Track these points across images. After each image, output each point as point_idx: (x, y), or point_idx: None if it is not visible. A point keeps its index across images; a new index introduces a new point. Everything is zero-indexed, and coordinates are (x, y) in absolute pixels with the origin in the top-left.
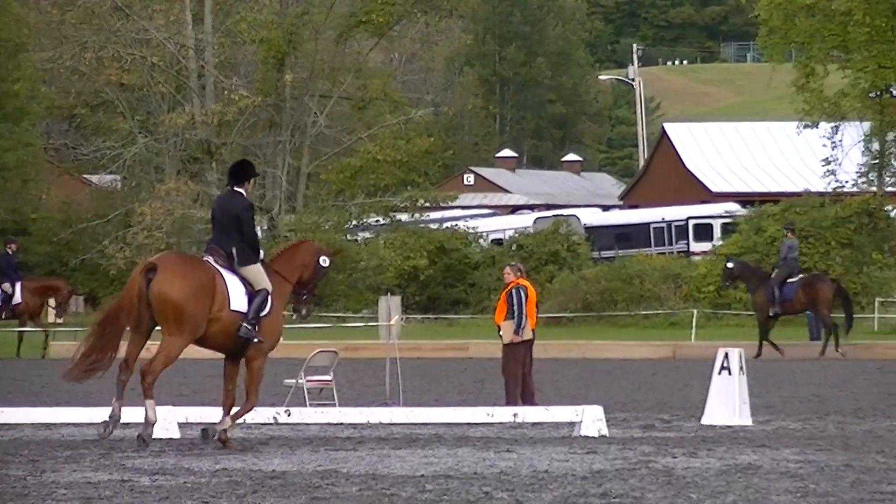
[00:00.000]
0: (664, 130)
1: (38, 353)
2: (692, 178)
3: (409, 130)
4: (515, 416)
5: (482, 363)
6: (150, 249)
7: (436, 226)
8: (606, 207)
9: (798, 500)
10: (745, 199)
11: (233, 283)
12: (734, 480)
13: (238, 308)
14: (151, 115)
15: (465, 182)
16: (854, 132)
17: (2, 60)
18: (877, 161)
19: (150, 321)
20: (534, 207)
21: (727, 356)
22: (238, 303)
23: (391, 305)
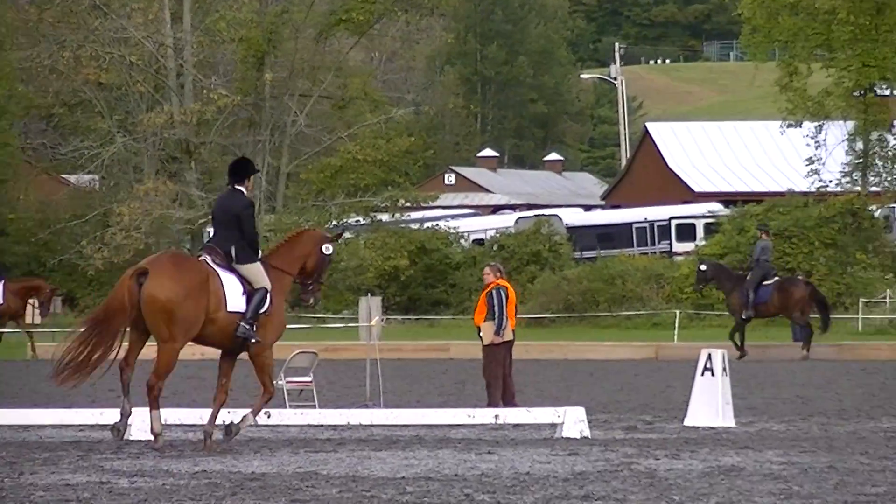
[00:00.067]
0: (646, 130)
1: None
2: (675, 178)
3: (390, 130)
4: (497, 418)
5: (463, 364)
6: (129, 250)
7: (416, 226)
8: (588, 207)
9: (781, 502)
10: (728, 199)
11: (230, 283)
12: (717, 482)
13: (235, 309)
14: (130, 115)
15: (447, 182)
16: (838, 131)
17: None
18: (860, 160)
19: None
20: (515, 207)
21: (710, 357)
22: (235, 303)
23: (371, 306)
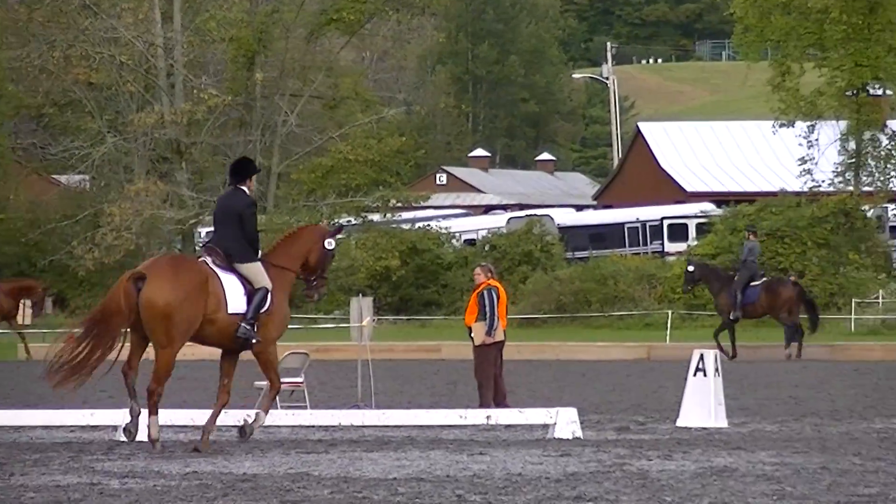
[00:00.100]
0: (638, 129)
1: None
2: (667, 178)
3: (381, 130)
4: (488, 419)
5: (455, 365)
6: (120, 250)
7: (408, 226)
8: (580, 207)
9: (774, 503)
10: (721, 199)
11: (230, 284)
12: (709, 483)
13: (236, 310)
14: (120, 115)
15: (438, 182)
16: (830, 131)
17: None
18: (853, 160)
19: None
20: (507, 207)
21: (702, 357)
22: (236, 304)
23: (363, 306)
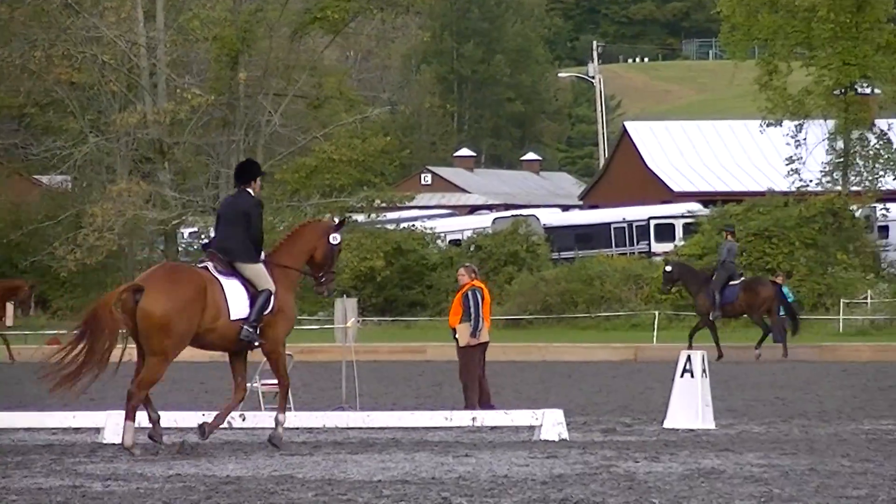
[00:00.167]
0: (625, 129)
1: None
2: (653, 178)
3: (365, 129)
4: (474, 420)
5: (440, 366)
6: (102, 251)
7: (393, 226)
8: (566, 207)
9: None
10: (708, 199)
11: (232, 290)
12: (697, 485)
13: (239, 315)
14: (102, 115)
15: (423, 182)
16: (818, 130)
17: None
18: (841, 160)
19: None
20: (492, 207)
21: (689, 358)
22: (239, 310)
23: (347, 307)
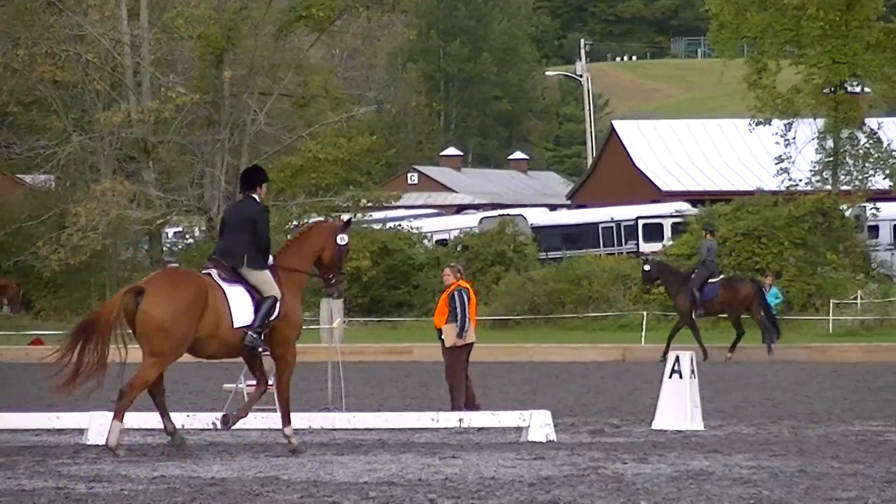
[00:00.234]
0: (613, 128)
1: None
2: (642, 177)
3: (351, 128)
4: (461, 422)
5: (426, 367)
6: (86, 251)
7: (379, 226)
8: (554, 207)
9: None
10: (696, 199)
11: (236, 297)
12: (685, 487)
13: (243, 323)
14: (86, 113)
15: (409, 181)
16: (808, 129)
17: None
18: (831, 159)
19: None
20: (479, 207)
21: (678, 359)
22: (242, 318)
23: (333, 308)
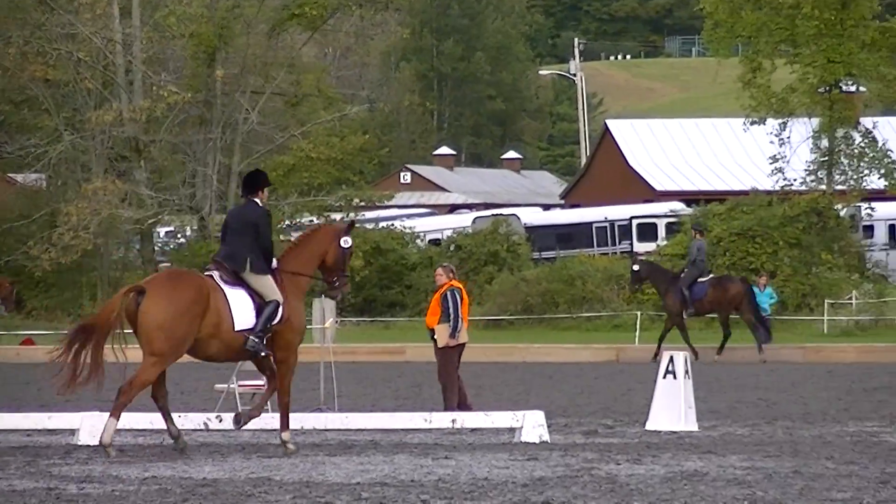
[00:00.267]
0: (607, 127)
1: None
2: (636, 177)
3: (344, 127)
4: (454, 422)
5: (419, 367)
6: (77, 250)
7: (371, 226)
8: (547, 207)
9: None
10: (691, 198)
11: (237, 300)
12: (680, 488)
13: (244, 327)
14: (78, 112)
15: (402, 180)
16: (802, 129)
17: None
18: (826, 158)
19: None
20: (472, 207)
21: (672, 360)
22: (244, 321)
23: (325, 308)
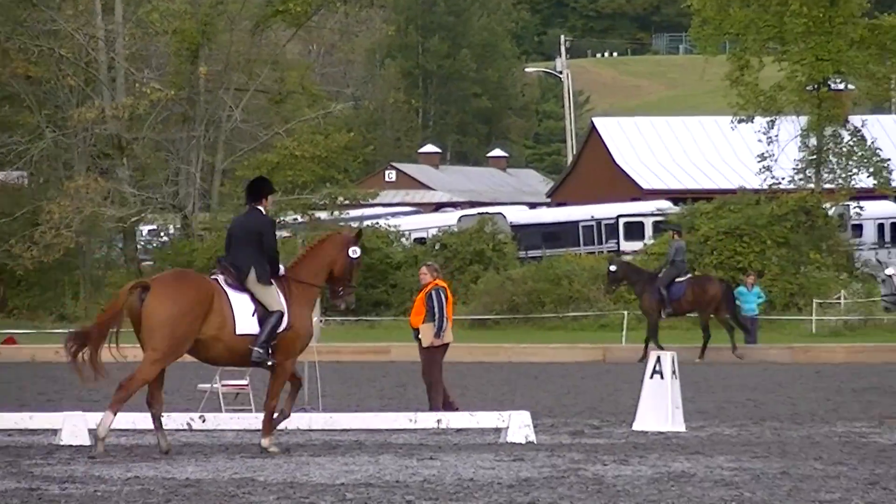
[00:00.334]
0: (593, 125)
1: None
2: (622, 175)
3: (328, 125)
4: (439, 423)
5: (404, 367)
6: (59, 249)
7: (356, 224)
8: (533, 205)
9: None
10: (678, 197)
11: (240, 304)
12: (667, 489)
13: (245, 331)
14: (60, 109)
15: (387, 178)
16: (790, 127)
17: None
18: (814, 157)
19: None
20: (458, 205)
21: (659, 359)
22: (245, 325)
23: None
